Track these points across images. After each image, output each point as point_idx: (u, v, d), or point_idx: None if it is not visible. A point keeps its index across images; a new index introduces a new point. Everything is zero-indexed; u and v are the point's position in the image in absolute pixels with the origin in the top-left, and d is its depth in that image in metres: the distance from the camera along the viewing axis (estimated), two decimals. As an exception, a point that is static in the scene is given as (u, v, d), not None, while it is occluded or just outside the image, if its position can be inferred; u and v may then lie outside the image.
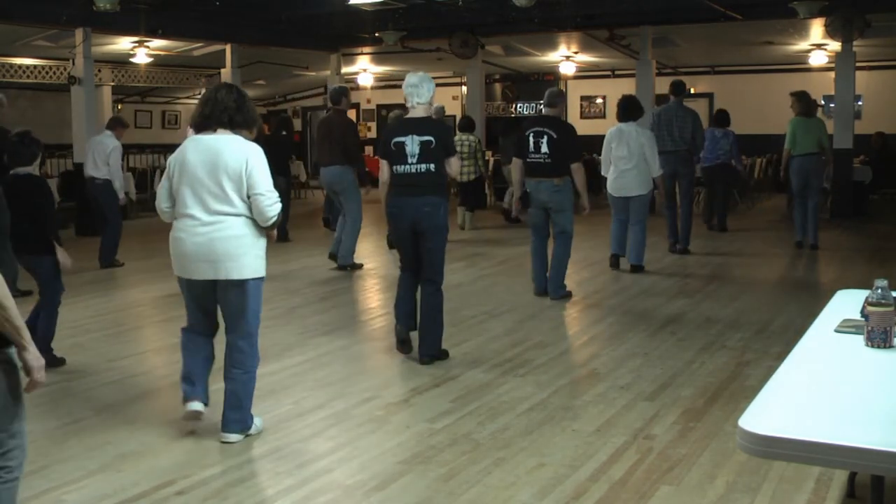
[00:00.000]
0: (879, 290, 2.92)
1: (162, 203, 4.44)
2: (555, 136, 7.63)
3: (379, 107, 21.98)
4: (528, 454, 4.18)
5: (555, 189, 7.68)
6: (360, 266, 9.60)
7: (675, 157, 10.18)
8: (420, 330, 5.91)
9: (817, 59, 16.45)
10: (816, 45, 15.82)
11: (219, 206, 4.27)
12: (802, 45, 15.99)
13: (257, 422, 4.53)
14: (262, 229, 4.36)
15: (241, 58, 15.50)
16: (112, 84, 17.38)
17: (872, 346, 2.94)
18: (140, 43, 14.56)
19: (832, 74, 14.59)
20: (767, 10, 12.83)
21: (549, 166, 7.65)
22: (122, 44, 14.70)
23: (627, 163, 8.96)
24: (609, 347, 6.20)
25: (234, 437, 4.38)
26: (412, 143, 5.68)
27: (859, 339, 3.02)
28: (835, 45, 14.03)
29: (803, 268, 9.61)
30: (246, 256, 4.29)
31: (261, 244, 4.39)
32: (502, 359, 5.90)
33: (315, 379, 5.54)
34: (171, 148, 20.62)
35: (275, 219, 4.32)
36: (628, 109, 9.15)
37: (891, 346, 2.92)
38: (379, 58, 18.32)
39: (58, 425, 4.68)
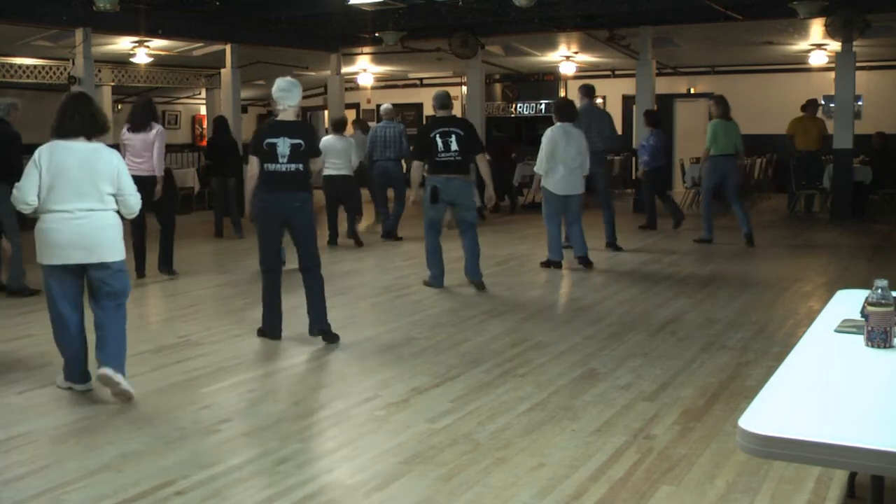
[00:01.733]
0: (879, 290, 2.92)
1: (28, 197, 5.01)
2: (462, 134, 8.16)
3: (379, 107, 21.97)
4: (528, 454, 4.18)
5: (465, 185, 8.24)
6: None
7: (596, 157, 10.32)
8: (311, 310, 6.42)
9: (817, 59, 16.46)
10: (816, 45, 15.83)
11: (91, 204, 5.03)
12: (802, 45, 15.99)
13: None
14: (122, 220, 5.20)
15: (241, 58, 15.50)
16: (112, 84, 17.38)
17: (872, 346, 2.94)
18: (140, 43, 14.56)
19: (832, 74, 14.59)
20: (767, 10, 12.83)
21: (459, 163, 8.17)
22: (122, 44, 14.70)
23: (574, 162, 9.22)
24: (609, 347, 6.20)
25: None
26: (283, 145, 6.22)
27: (859, 339, 3.02)
28: (835, 45, 14.04)
29: (803, 267, 9.61)
30: (116, 243, 5.11)
31: (121, 232, 5.20)
32: (502, 359, 5.90)
33: (316, 379, 5.54)
34: (170, 148, 20.53)
35: (137, 212, 5.28)
36: (572, 111, 9.54)
37: (891, 346, 2.92)
38: (379, 58, 18.32)
39: (58, 425, 4.68)
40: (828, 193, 14.55)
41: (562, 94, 20.80)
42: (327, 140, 11.47)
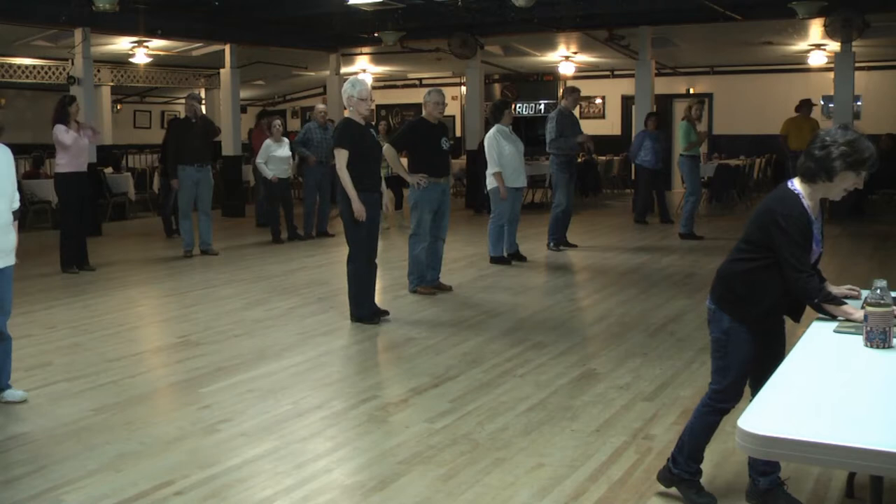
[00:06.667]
0: (879, 290, 2.92)
1: None
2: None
3: (379, 107, 21.99)
4: (528, 454, 4.19)
5: None
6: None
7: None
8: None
9: (817, 59, 16.45)
10: (816, 45, 15.82)
11: None
12: (802, 46, 15.99)
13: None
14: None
15: (240, 58, 15.50)
16: (111, 84, 17.39)
17: (872, 346, 2.94)
18: (139, 43, 14.56)
19: (832, 74, 14.58)
20: (767, 10, 12.83)
21: None
22: (122, 44, 14.70)
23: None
24: (609, 347, 6.20)
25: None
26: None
27: (859, 339, 3.02)
28: (834, 46, 14.03)
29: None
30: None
31: None
32: (502, 359, 5.90)
33: (315, 379, 5.54)
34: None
35: None
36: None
37: (890, 347, 2.92)
38: (378, 58, 18.33)
39: (58, 425, 4.68)
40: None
41: (560, 93, 20.82)
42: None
